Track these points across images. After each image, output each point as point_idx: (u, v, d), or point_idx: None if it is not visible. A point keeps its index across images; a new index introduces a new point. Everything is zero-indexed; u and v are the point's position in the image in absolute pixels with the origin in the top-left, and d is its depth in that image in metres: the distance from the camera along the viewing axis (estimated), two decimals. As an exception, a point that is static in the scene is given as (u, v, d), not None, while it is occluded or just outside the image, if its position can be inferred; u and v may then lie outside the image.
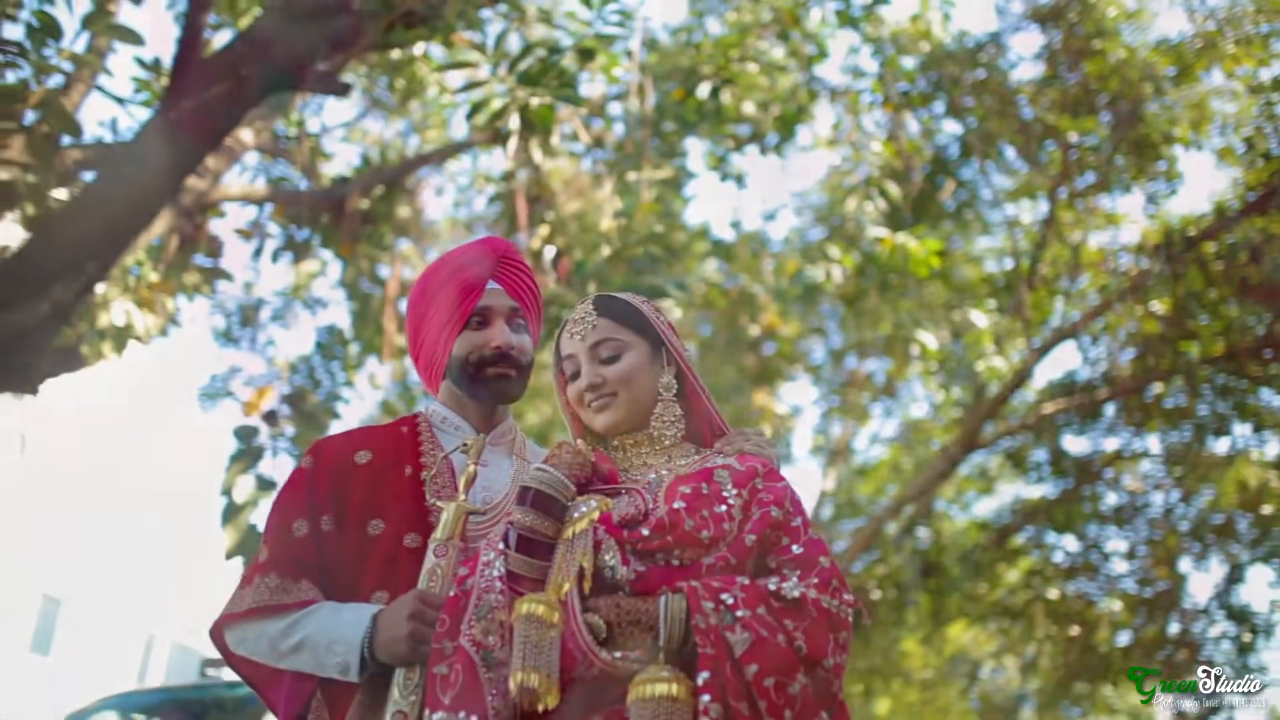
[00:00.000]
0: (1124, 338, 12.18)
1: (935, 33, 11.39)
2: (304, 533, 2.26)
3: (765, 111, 9.84)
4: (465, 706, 1.91)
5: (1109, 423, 12.90)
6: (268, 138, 9.51)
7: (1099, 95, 11.31)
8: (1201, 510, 12.83)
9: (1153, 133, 10.83)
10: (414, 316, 2.53)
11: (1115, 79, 11.05)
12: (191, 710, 8.43)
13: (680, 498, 2.09)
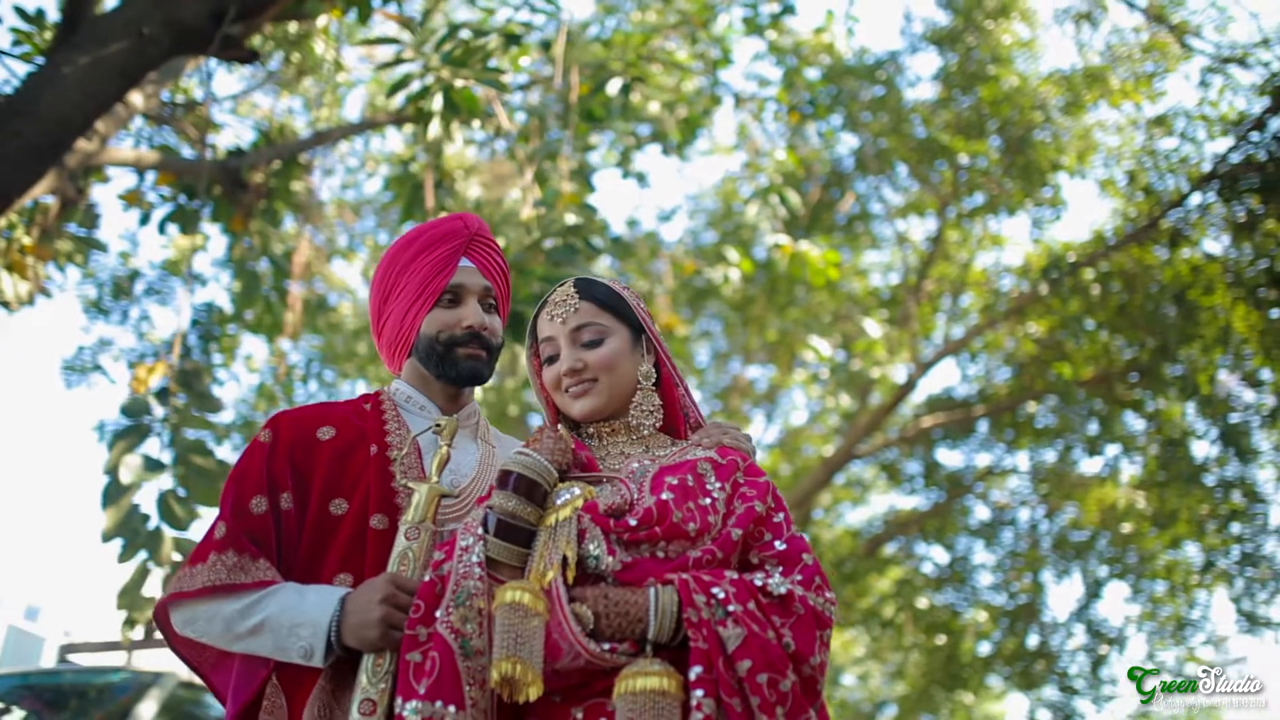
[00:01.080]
0: (1002, 357, 12.52)
1: (838, 47, 11.54)
2: (262, 510, 2.13)
3: (671, 112, 9.83)
4: (442, 696, 1.82)
5: (982, 439, 13.26)
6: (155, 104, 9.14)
7: (991, 119, 11.63)
8: (1064, 527, 13.27)
9: (1040, 160, 11.17)
10: (379, 291, 2.41)
11: (1007, 105, 11.38)
12: (45, 698, 8.01)
13: (668, 489, 2.03)
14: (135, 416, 5.62)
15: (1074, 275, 10.63)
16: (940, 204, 12.31)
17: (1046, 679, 12.86)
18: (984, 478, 13.42)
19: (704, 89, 10.77)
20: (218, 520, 2.12)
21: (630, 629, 1.88)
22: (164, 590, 2.11)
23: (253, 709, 2.07)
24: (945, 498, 13.53)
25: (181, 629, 2.10)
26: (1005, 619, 13.20)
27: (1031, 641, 13.09)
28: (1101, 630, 12.41)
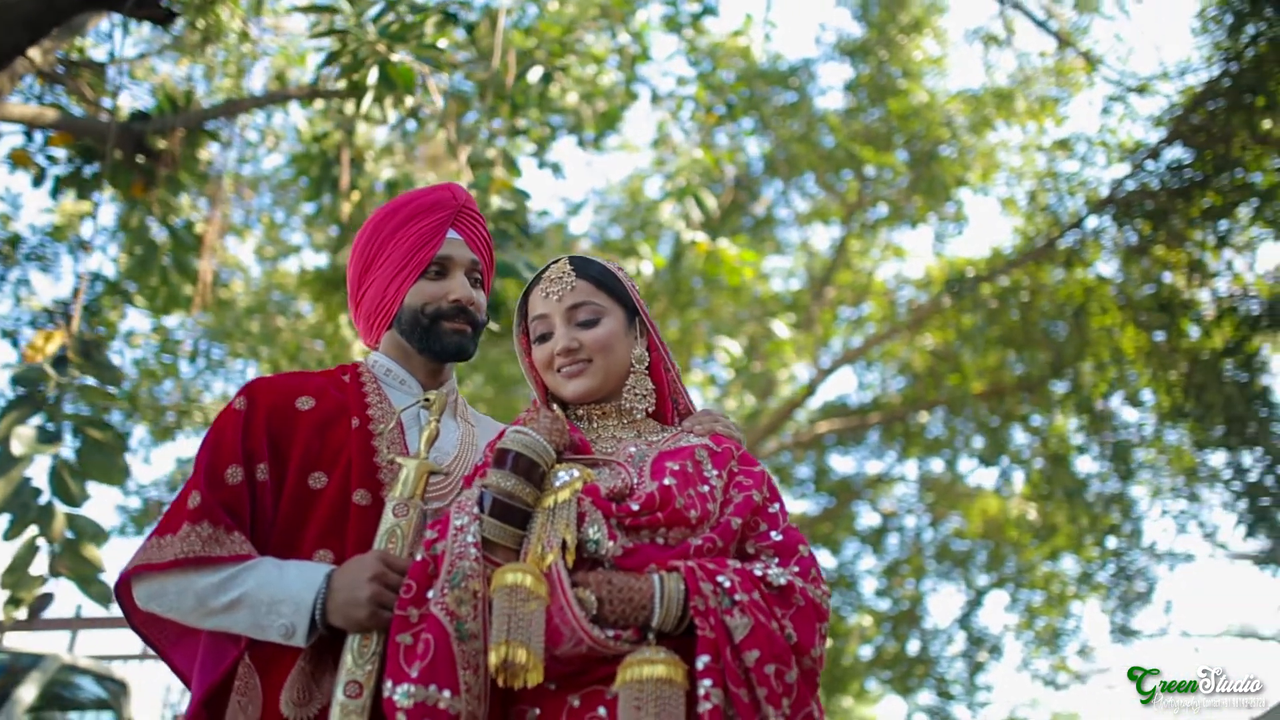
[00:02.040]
0: (897, 366, 12.75)
1: (754, 51, 11.60)
2: (237, 480, 2.01)
3: (591, 104, 9.77)
4: (437, 680, 1.73)
5: (873, 446, 13.49)
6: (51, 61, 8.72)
7: (898, 133, 11.83)
8: (947, 536, 13.57)
9: (945, 175, 11.40)
10: (360, 259, 2.30)
11: (916, 120, 11.59)
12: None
13: (670, 474, 1.97)
14: (28, 386, 5.33)
15: (974, 290, 10.87)
16: (845, 213, 12.47)
17: (924, 683, 13.13)
18: (873, 485, 13.64)
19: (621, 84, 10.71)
20: (190, 489, 1.99)
21: (634, 616, 1.82)
22: (129, 561, 1.96)
23: (222, 689, 1.95)
24: (835, 503, 13.71)
25: (145, 603, 1.97)
26: (888, 624, 13.44)
27: (912, 647, 13.36)
28: (981, 637, 12.73)
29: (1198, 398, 10.11)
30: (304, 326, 12.66)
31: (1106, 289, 10.75)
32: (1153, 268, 10.61)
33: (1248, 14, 9.34)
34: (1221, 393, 9.79)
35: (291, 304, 13.16)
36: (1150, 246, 10.45)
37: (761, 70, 11.99)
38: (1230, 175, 9.91)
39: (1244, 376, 10.00)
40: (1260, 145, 9.64)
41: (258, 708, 1.89)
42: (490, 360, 11.67)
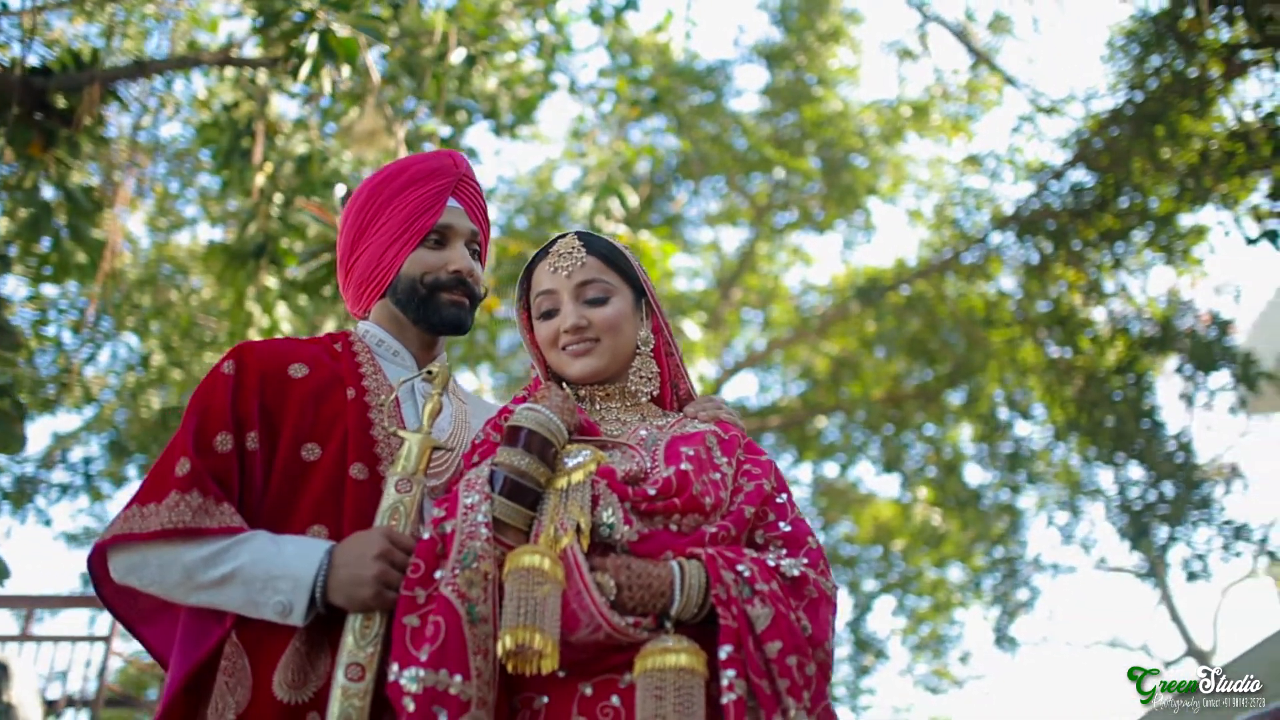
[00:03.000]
0: (798, 371, 12.87)
1: (673, 49, 11.59)
2: (227, 448, 1.88)
3: (510, 90, 9.62)
4: (447, 664, 1.64)
5: (770, 449, 13.58)
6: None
7: (811, 139, 11.95)
8: (837, 541, 13.75)
9: (856, 184, 11.55)
10: (354, 224, 2.18)
11: (829, 128, 11.71)
12: None
13: (686, 460, 1.91)
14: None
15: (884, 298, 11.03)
16: (754, 215, 12.55)
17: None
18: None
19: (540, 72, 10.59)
20: (177, 455, 1.85)
21: (652, 603, 1.75)
22: (107, 530, 1.81)
23: (206, 669, 1.82)
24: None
25: (123, 576, 1.83)
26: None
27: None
28: (867, 641, 12.92)
29: (1090, 414, 10.42)
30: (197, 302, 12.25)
31: (1006, 304, 11.00)
32: (1052, 285, 10.90)
33: (1152, 45, 9.65)
34: (1113, 410, 10.10)
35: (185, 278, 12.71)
36: (1050, 265, 10.74)
37: (679, 68, 11.99)
38: (1129, 200, 10.24)
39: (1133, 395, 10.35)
40: (1159, 172, 9.98)
41: (247, 690, 1.77)
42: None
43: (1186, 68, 9.35)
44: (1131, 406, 10.18)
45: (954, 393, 11.91)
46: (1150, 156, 9.84)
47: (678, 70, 11.93)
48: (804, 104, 11.84)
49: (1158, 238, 10.47)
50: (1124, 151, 9.90)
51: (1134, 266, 10.70)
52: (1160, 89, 9.56)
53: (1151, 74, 9.72)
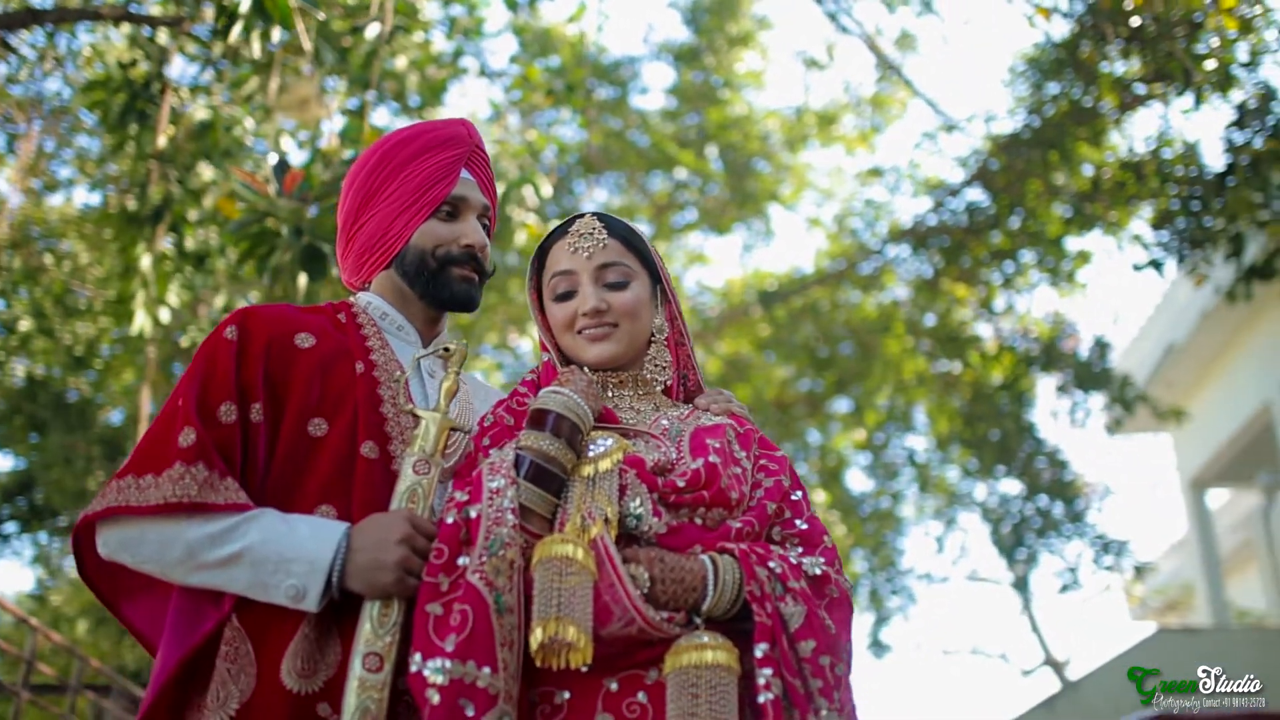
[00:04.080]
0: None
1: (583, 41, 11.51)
2: (231, 420, 1.75)
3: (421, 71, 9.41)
4: (475, 655, 1.56)
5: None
6: None
7: (714, 141, 12.00)
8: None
9: (759, 188, 11.64)
10: (361, 190, 2.06)
11: (733, 131, 11.78)
12: None
13: (714, 452, 1.86)
14: None
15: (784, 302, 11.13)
16: (654, 213, 12.55)
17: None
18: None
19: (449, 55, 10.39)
20: (179, 424, 1.72)
21: (684, 597, 1.70)
22: (98, 501, 1.67)
23: (203, 653, 1.70)
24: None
25: (113, 551, 1.69)
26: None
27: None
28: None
29: (973, 427, 10.70)
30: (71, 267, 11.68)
31: (899, 315, 11.22)
32: (940, 300, 11.16)
33: (1052, 73, 9.95)
34: (999, 425, 10.39)
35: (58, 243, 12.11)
36: (942, 280, 10.99)
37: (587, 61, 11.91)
38: (1020, 221, 10.54)
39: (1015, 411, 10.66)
40: (1052, 196, 10.30)
41: (251, 678, 1.65)
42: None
43: (1083, 97, 9.65)
44: (1014, 422, 10.48)
45: (841, 400, 12.08)
46: (1044, 180, 10.14)
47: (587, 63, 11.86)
48: (709, 106, 11.88)
49: (1045, 259, 10.81)
50: (1019, 174, 10.18)
51: (1022, 286, 11.02)
52: (1058, 116, 9.84)
53: (1049, 101, 10.01)
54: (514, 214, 8.64)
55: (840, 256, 11.38)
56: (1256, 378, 12.31)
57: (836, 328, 11.52)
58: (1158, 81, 8.81)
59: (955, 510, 11.91)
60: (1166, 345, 13.27)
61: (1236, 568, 16.86)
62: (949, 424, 10.94)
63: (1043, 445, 10.56)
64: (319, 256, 4.32)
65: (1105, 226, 10.23)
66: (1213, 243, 8.74)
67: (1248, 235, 8.57)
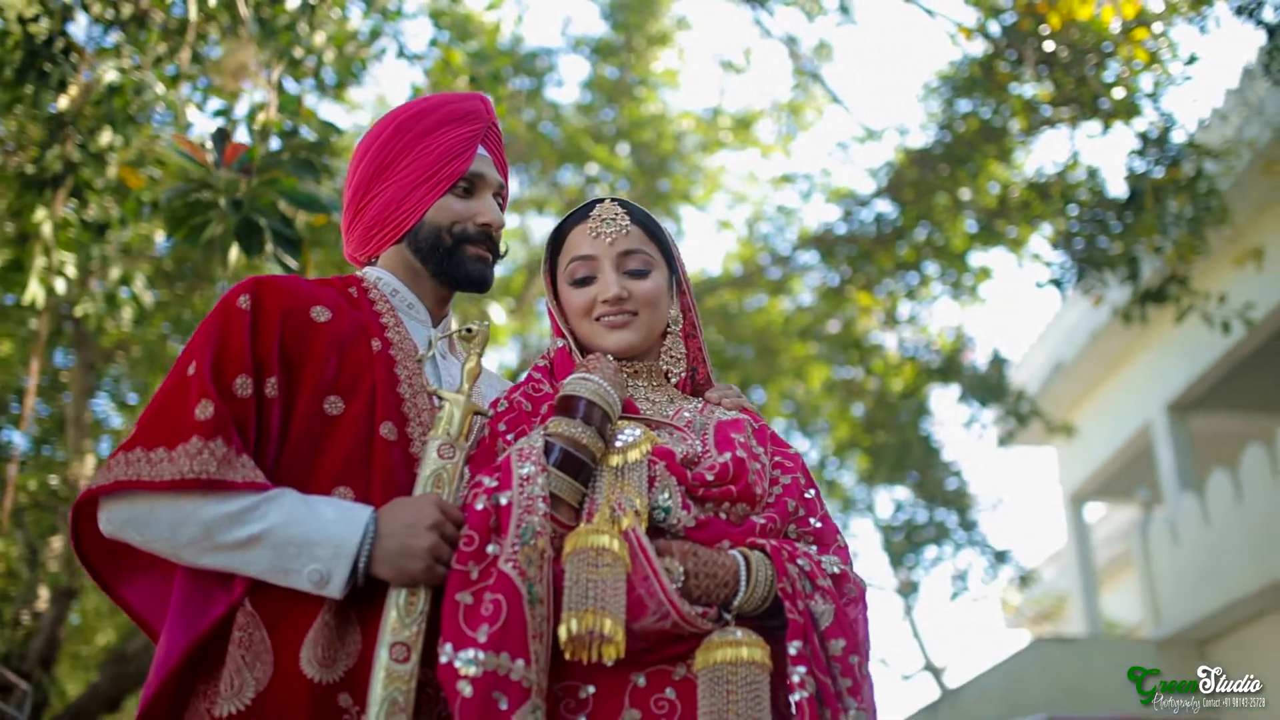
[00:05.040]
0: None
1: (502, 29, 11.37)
2: (246, 394, 1.65)
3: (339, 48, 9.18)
4: (509, 647, 1.51)
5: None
6: None
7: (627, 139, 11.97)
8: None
9: (671, 187, 11.66)
10: (374, 161, 1.98)
11: (647, 129, 11.77)
12: None
13: (739, 446, 1.83)
14: None
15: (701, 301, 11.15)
16: (564, 208, 12.47)
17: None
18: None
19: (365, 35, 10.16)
20: (195, 395, 1.61)
21: (716, 593, 1.67)
22: (105, 475, 1.55)
23: (211, 639, 1.60)
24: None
25: (118, 528, 1.59)
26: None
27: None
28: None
29: (873, 435, 10.87)
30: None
31: (803, 321, 11.34)
32: (845, 307, 11.32)
33: (963, 91, 10.16)
34: (899, 434, 10.57)
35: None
36: (848, 288, 11.14)
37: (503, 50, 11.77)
38: (926, 233, 10.75)
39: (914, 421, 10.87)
40: (959, 211, 10.53)
41: (268, 666, 1.56)
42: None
43: (994, 116, 9.87)
44: (913, 431, 10.67)
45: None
46: (952, 195, 10.36)
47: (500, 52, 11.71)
48: (625, 102, 11.86)
49: (947, 273, 11.05)
50: (928, 188, 10.37)
51: (924, 298, 11.24)
52: (968, 133, 10.05)
53: (960, 118, 10.22)
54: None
55: (749, 260, 11.45)
56: (1140, 398, 12.77)
57: (742, 330, 11.59)
58: (1066, 105, 9.06)
59: (849, 516, 12.09)
60: (1055, 362, 13.69)
61: (1110, 580, 17.48)
62: (849, 431, 11.09)
63: (938, 454, 10.78)
64: (255, 230, 4.16)
65: (1008, 244, 10.50)
66: (1110, 266, 9.02)
67: (1143, 260, 8.87)
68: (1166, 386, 12.24)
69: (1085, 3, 8.23)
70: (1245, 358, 11.24)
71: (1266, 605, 10.07)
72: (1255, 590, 9.84)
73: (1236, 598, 10.12)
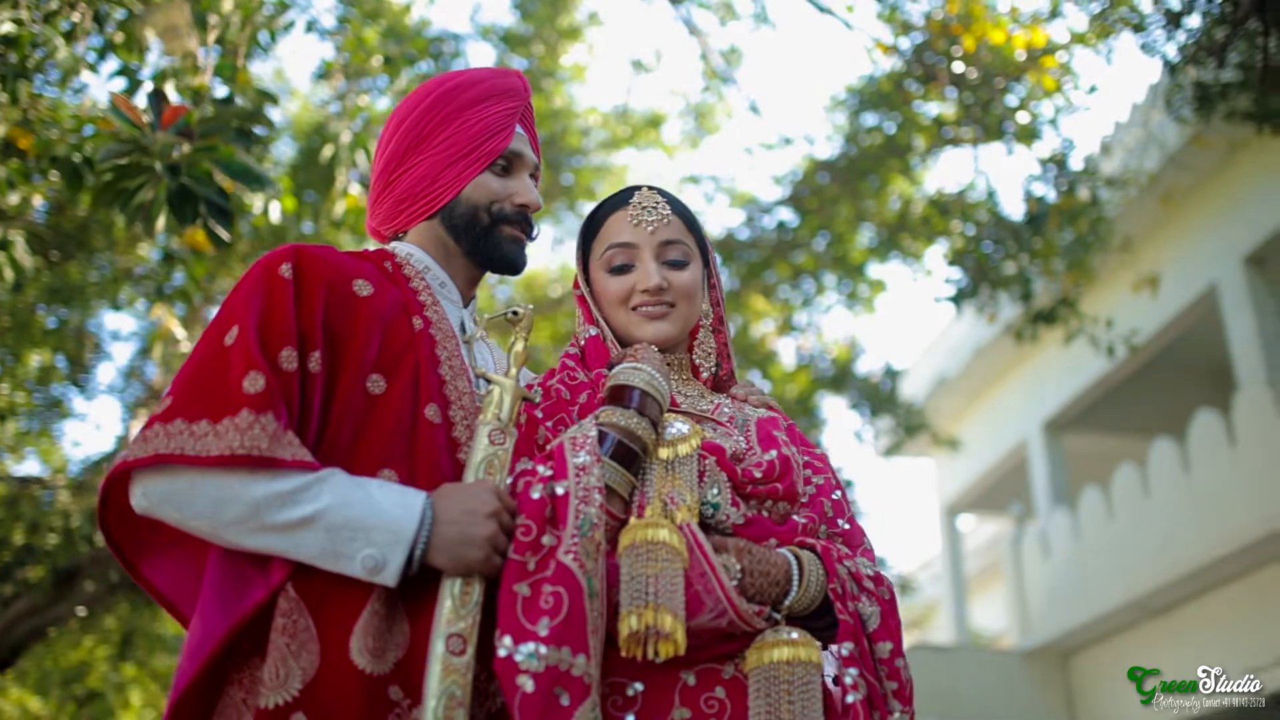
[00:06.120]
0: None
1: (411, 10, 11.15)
2: (292, 367, 1.55)
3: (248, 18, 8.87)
4: (571, 642, 1.45)
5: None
6: None
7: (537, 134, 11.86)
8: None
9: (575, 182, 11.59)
10: (410, 133, 1.88)
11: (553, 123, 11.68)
12: None
13: (784, 444, 1.80)
14: None
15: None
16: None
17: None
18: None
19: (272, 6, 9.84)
20: (242, 366, 1.50)
21: (769, 591, 1.64)
22: (141, 446, 1.43)
23: (252, 627, 1.49)
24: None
25: (155, 504, 1.47)
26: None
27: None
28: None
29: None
30: None
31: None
32: (744, 313, 11.40)
33: (869, 105, 10.33)
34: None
35: None
36: (746, 293, 11.23)
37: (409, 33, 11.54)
38: (827, 244, 10.91)
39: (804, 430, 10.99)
40: (859, 223, 10.71)
41: (314, 655, 1.46)
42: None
43: (899, 132, 10.06)
44: (805, 438, 10.79)
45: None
46: (854, 207, 10.53)
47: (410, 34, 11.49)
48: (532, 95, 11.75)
49: (844, 283, 11.23)
50: (831, 199, 10.52)
51: (820, 307, 11.40)
52: (872, 147, 10.22)
53: (865, 132, 10.39)
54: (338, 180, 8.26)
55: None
56: (1018, 415, 13.19)
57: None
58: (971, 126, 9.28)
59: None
60: (939, 376, 14.04)
61: (980, 590, 18.02)
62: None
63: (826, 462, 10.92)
64: (190, 198, 3.96)
65: (904, 258, 10.72)
66: (1005, 285, 9.27)
67: (1036, 281, 9.14)
68: (1044, 405, 12.66)
69: (998, 27, 8.45)
70: (1122, 381, 11.70)
71: (1130, 619, 10.49)
72: (1121, 605, 10.25)
73: (1102, 612, 10.52)
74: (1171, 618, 10.05)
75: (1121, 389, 11.91)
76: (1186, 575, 9.40)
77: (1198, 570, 9.27)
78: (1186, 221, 10.54)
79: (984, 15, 8.50)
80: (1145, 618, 10.34)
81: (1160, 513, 9.85)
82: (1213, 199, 10.34)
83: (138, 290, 11.18)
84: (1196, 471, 9.49)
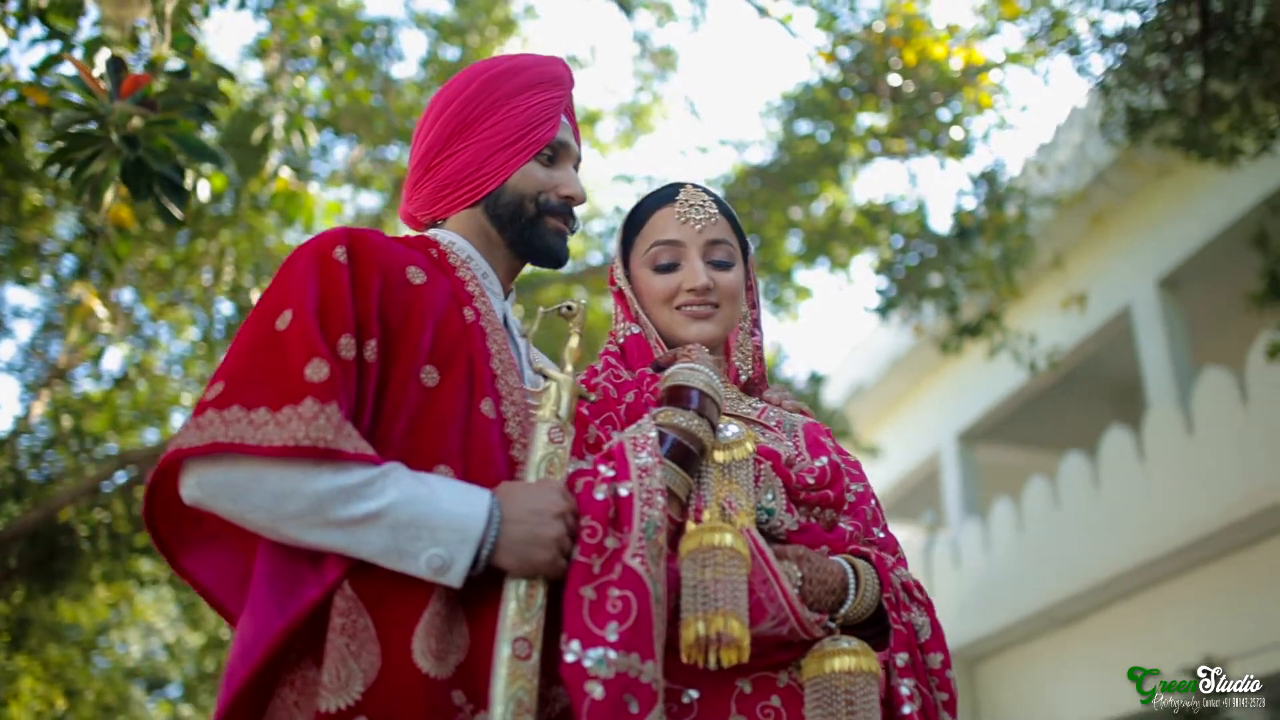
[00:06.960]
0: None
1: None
2: (350, 355, 1.47)
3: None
4: (639, 648, 1.40)
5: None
6: None
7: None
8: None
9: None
10: (455, 117, 1.81)
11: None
12: None
13: (831, 450, 1.78)
14: None
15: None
16: (392, 186, 12.12)
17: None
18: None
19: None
20: (303, 353, 1.42)
21: (825, 599, 1.61)
22: (195, 434, 1.33)
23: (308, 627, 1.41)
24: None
25: (208, 495, 1.38)
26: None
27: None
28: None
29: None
30: None
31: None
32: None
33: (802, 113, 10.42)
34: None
35: None
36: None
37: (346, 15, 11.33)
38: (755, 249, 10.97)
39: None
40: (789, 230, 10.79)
41: (375, 656, 1.38)
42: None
43: (832, 141, 10.15)
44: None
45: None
46: (784, 214, 10.59)
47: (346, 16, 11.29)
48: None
49: (769, 289, 11.30)
50: (762, 203, 10.57)
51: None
52: (805, 154, 10.30)
53: (800, 139, 10.46)
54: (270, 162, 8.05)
55: (579, 257, 11.39)
56: (932, 425, 13.41)
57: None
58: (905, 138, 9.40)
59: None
60: (856, 384, 14.22)
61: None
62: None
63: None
64: (144, 172, 3.80)
65: (832, 266, 10.81)
66: (930, 296, 9.41)
67: (961, 294, 9.30)
68: (959, 416, 12.90)
69: (939, 42, 8.58)
70: (1036, 395, 11.96)
71: (1037, 629, 10.73)
72: (1029, 614, 10.47)
73: (1010, 621, 10.74)
74: (1078, 628, 10.29)
75: (1035, 403, 12.17)
76: (1094, 587, 9.63)
77: (1105, 582, 9.50)
78: (1109, 241, 10.81)
79: (924, 30, 8.63)
80: (1052, 628, 10.58)
81: (1070, 526, 10.08)
82: (1135, 221, 10.63)
83: (43, 266, 10.79)
84: (1106, 486, 9.73)
